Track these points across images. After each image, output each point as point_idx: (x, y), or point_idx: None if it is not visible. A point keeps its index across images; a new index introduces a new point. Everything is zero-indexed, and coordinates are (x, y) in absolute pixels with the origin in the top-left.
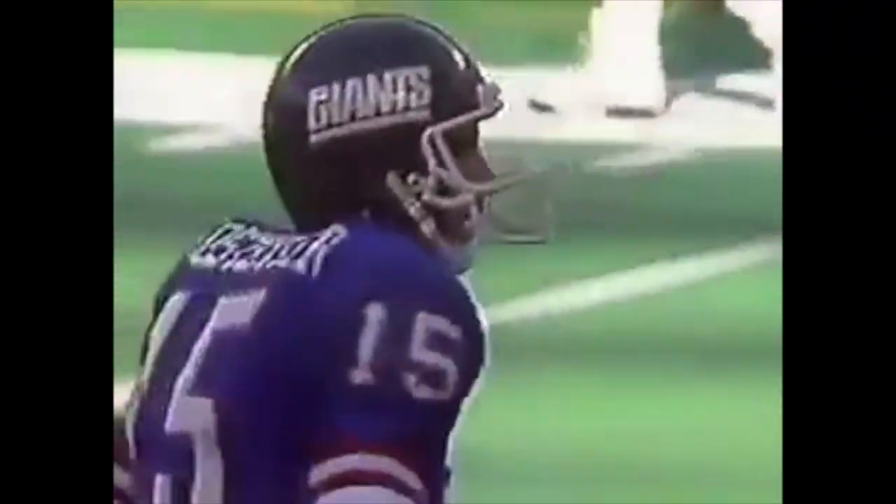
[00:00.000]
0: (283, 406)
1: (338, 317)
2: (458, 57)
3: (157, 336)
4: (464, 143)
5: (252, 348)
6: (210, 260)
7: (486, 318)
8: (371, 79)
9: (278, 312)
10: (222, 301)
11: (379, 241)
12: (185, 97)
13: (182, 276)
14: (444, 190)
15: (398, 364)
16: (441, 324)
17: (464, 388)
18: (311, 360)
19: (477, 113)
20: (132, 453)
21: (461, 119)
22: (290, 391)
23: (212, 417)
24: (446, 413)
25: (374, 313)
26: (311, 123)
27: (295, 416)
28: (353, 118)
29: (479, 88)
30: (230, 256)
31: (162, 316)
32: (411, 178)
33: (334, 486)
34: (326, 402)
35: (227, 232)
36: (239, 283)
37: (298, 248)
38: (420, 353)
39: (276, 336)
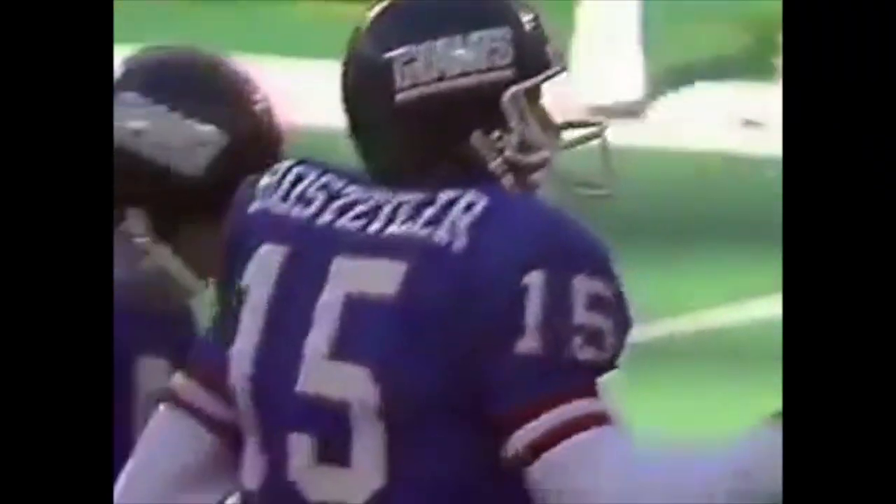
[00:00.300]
0: (445, 376)
1: (497, 287)
2: (530, 17)
3: (255, 287)
4: (535, 101)
5: (405, 319)
6: (299, 210)
7: None
8: (457, 39)
9: (427, 283)
10: (343, 263)
11: (523, 207)
12: None
13: (261, 222)
14: (525, 146)
15: (564, 329)
16: (598, 286)
17: (619, 347)
18: (471, 330)
19: (550, 72)
20: (243, 399)
21: (539, 78)
22: (451, 361)
23: (372, 388)
24: (605, 372)
25: (537, 281)
26: (397, 82)
27: (458, 386)
28: (440, 78)
29: (548, 48)
30: (324, 209)
31: (253, 266)
32: (495, 134)
33: (556, 440)
34: (492, 371)
35: (300, 178)
36: (359, 245)
37: (428, 214)
38: (582, 316)
39: (429, 307)
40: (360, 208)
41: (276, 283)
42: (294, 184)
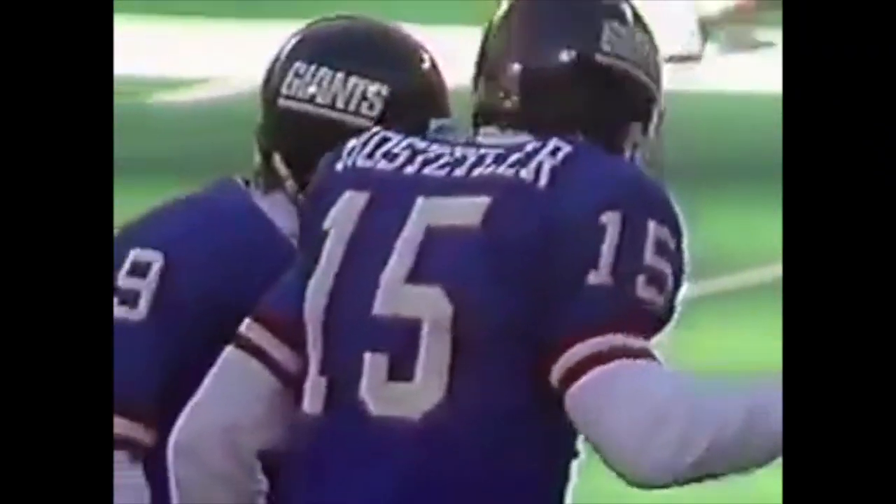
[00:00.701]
0: (517, 301)
1: (576, 222)
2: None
3: (336, 227)
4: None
5: (485, 246)
6: (384, 164)
7: None
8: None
9: (510, 215)
10: (427, 201)
11: (604, 156)
12: (190, 52)
13: (346, 176)
14: None
15: (633, 265)
16: (664, 233)
17: (674, 298)
18: (546, 259)
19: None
20: (315, 330)
21: None
22: (525, 287)
23: (446, 306)
24: (659, 315)
25: (614, 221)
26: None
27: (527, 311)
28: None
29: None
30: (409, 162)
31: (335, 210)
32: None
33: (583, 370)
34: (560, 300)
35: (385, 140)
36: (444, 187)
37: (513, 158)
38: (651, 258)
39: (510, 236)
40: (444, 160)
41: (357, 223)
42: (379, 144)
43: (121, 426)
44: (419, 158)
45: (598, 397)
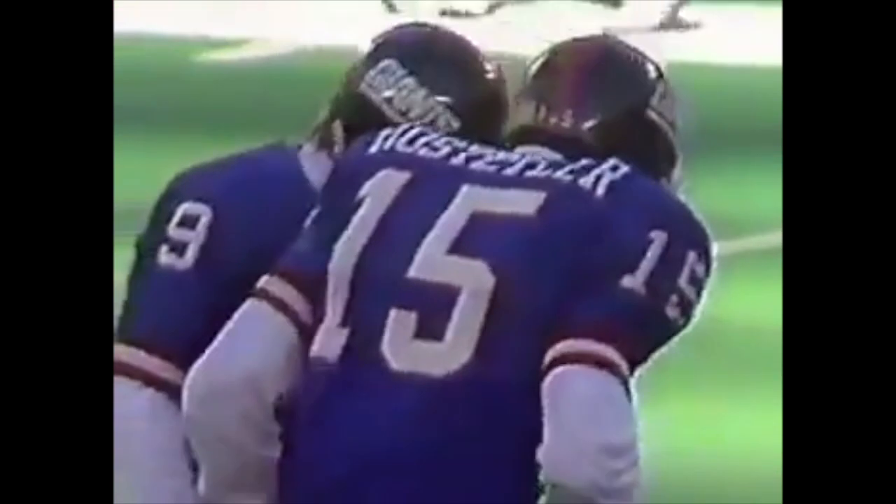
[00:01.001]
0: (556, 287)
1: (626, 232)
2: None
3: (372, 198)
4: None
5: (536, 233)
6: (427, 152)
7: None
8: None
9: (564, 211)
10: (474, 189)
11: (655, 182)
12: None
13: (382, 158)
14: None
15: (667, 286)
16: (700, 268)
17: (687, 324)
18: (594, 258)
19: None
20: (339, 283)
21: None
22: (566, 277)
23: (488, 278)
24: (671, 337)
25: (660, 239)
26: None
27: (562, 298)
28: None
29: None
30: (453, 154)
31: (371, 183)
32: None
33: (555, 365)
34: (592, 294)
35: (423, 133)
36: (493, 180)
37: (569, 168)
38: (684, 283)
39: (562, 229)
40: (489, 159)
41: (395, 196)
42: (418, 136)
43: (160, 368)
44: (462, 154)
45: (545, 395)
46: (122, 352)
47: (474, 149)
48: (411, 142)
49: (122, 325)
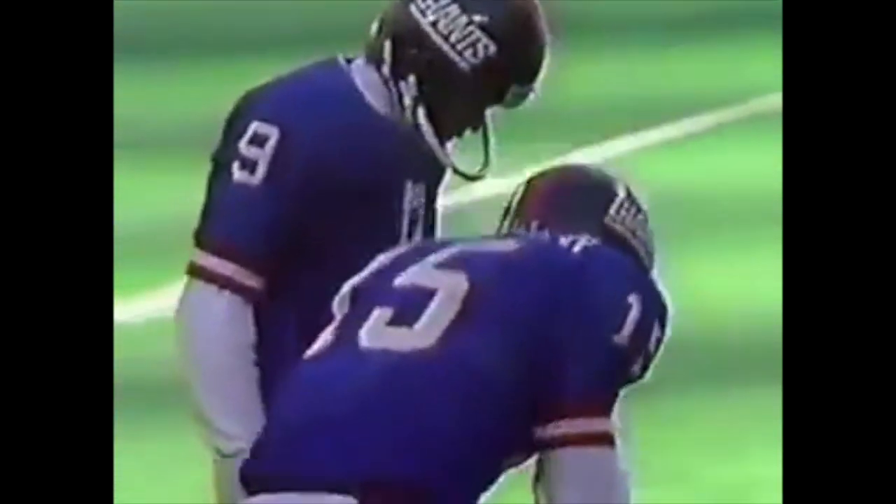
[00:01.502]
0: (527, 305)
1: (606, 289)
2: None
3: (384, 258)
4: None
5: (511, 262)
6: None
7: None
8: None
9: (540, 255)
10: (464, 246)
11: (621, 254)
12: None
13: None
14: None
15: (641, 346)
16: (660, 332)
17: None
18: (567, 298)
19: None
20: (342, 307)
21: None
22: (539, 302)
23: (465, 284)
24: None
25: (637, 302)
26: None
27: (535, 320)
28: None
29: None
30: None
31: (393, 252)
32: None
33: (562, 444)
34: (581, 349)
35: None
36: (482, 239)
37: (546, 234)
38: (651, 346)
39: (537, 266)
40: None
41: (396, 254)
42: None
43: (237, 273)
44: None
45: (564, 476)
46: (201, 258)
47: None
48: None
49: (200, 234)
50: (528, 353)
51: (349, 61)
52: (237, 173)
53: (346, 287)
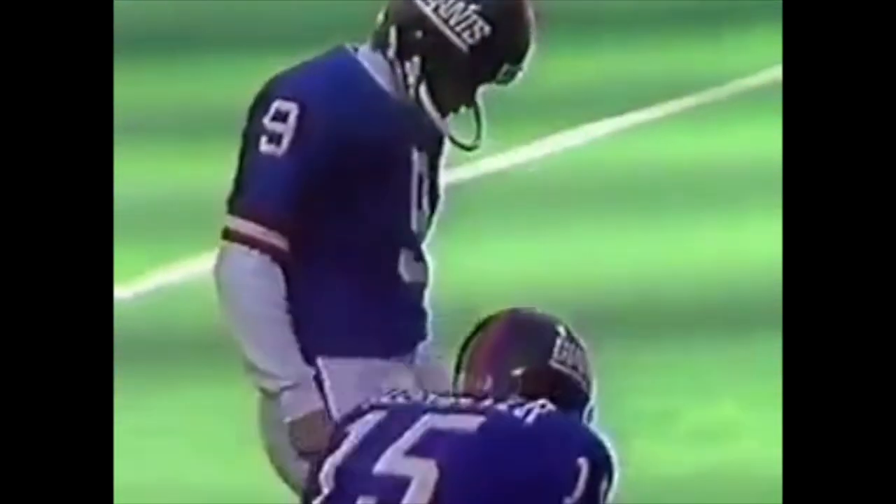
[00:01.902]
0: (492, 486)
1: (557, 457)
2: None
3: (356, 429)
4: None
5: (476, 443)
6: (400, 399)
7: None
8: None
9: (499, 430)
10: (433, 415)
11: (573, 417)
12: None
13: (368, 407)
14: None
15: (593, 498)
16: (608, 486)
17: None
18: (526, 470)
19: None
20: (328, 483)
21: None
22: (501, 480)
23: (435, 472)
24: None
25: (585, 465)
26: None
27: (500, 497)
28: None
29: None
30: (424, 399)
31: (360, 421)
32: None
33: None
34: None
35: (402, 394)
36: (448, 409)
37: (509, 404)
38: (600, 497)
39: (496, 441)
40: (450, 400)
41: (374, 425)
42: (399, 394)
43: (265, 234)
44: (431, 398)
45: None
46: (233, 223)
47: (442, 398)
48: (393, 397)
49: (232, 202)
50: None
51: (356, 49)
52: (264, 146)
53: (329, 465)
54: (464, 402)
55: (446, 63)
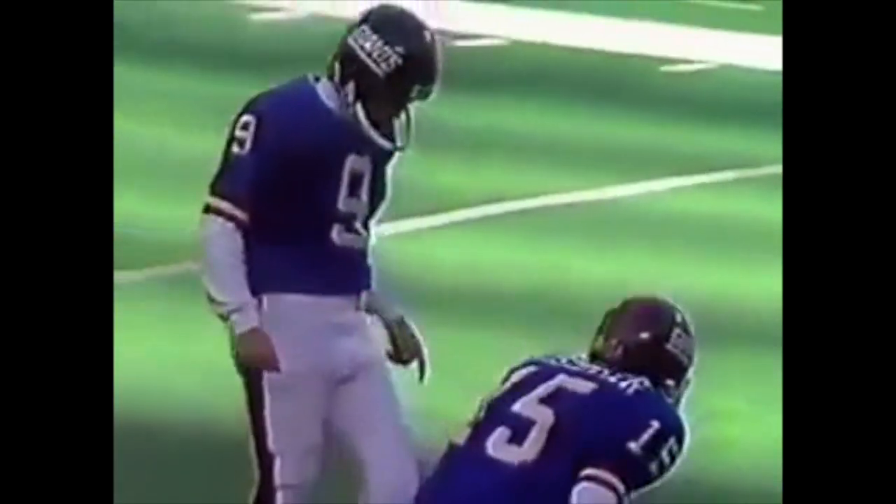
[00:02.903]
0: (592, 433)
1: (639, 417)
2: None
3: (514, 376)
4: None
5: (587, 403)
6: (552, 361)
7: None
8: None
9: (606, 396)
10: (562, 376)
11: (661, 396)
12: None
13: (529, 362)
14: None
15: (653, 454)
16: (677, 447)
17: (662, 478)
18: (616, 424)
19: None
20: (481, 412)
21: None
22: (598, 430)
23: (551, 420)
24: (649, 483)
25: (657, 425)
26: None
27: (593, 442)
28: None
29: None
30: (570, 363)
31: (520, 371)
32: None
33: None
34: (611, 446)
35: (550, 358)
36: (576, 373)
37: (618, 376)
38: (664, 455)
39: (601, 404)
40: (582, 366)
41: (525, 375)
42: (561, 359)
43: (229, 208)
44: (570, 364)
45: (583, 499)
46: (210, 200)
47: (577, 362)
48: (549, 357)
49: (213, 186)
50: (583, 462)
51: (317, 78)
52: (234, 148)
53: (486, 400)
54: (589, 368)
55: (371, 87)
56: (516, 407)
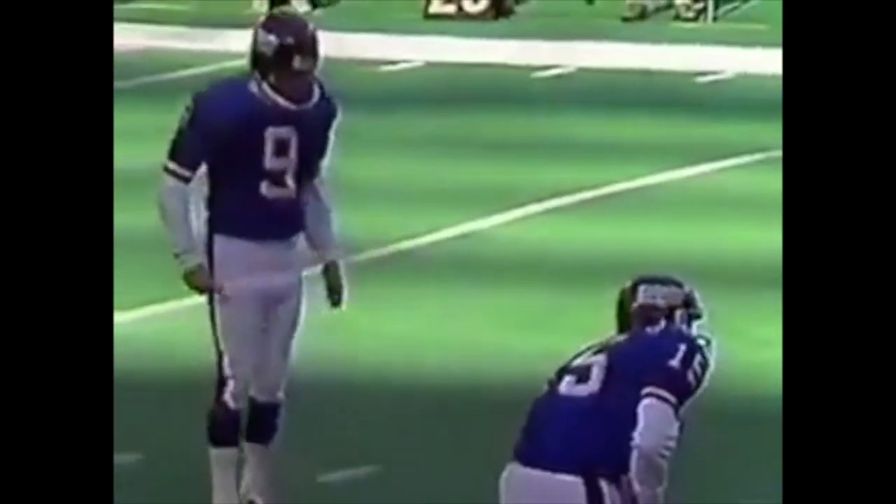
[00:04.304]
0: (637, 364)
1: (675, 345)
2: None
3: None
4: None
5: (626, 348)
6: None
7: None
8: None
9: (641, 337)
10: (614, 336)
11: (682, 330)
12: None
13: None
14: None
15: (687, 367)
16: (703, 361)
17: (699, 388)
18: (652, 360)
19: None
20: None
21: None
22: (645, 359)
23: (605, 360)
24: (692, 394)
25: (684, 348)
26: None
27: (643, 370)
28: None
29: None
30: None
31: (588, 345)
32: None
33: (656, 398)
34: (657, 363)
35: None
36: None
37: (650, 328)
38: (696, 366)
39: (639, 349)
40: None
41: (587, 347)
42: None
43: (177, 168)
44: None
45: (647, 413)
46: (165, 162)
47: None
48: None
49: (169, 153)
50: (639, 384)
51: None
52: (182, 124)
53: (560, 370)
54: (632, 329)
55: (267, 66)
56: (577, 361)
